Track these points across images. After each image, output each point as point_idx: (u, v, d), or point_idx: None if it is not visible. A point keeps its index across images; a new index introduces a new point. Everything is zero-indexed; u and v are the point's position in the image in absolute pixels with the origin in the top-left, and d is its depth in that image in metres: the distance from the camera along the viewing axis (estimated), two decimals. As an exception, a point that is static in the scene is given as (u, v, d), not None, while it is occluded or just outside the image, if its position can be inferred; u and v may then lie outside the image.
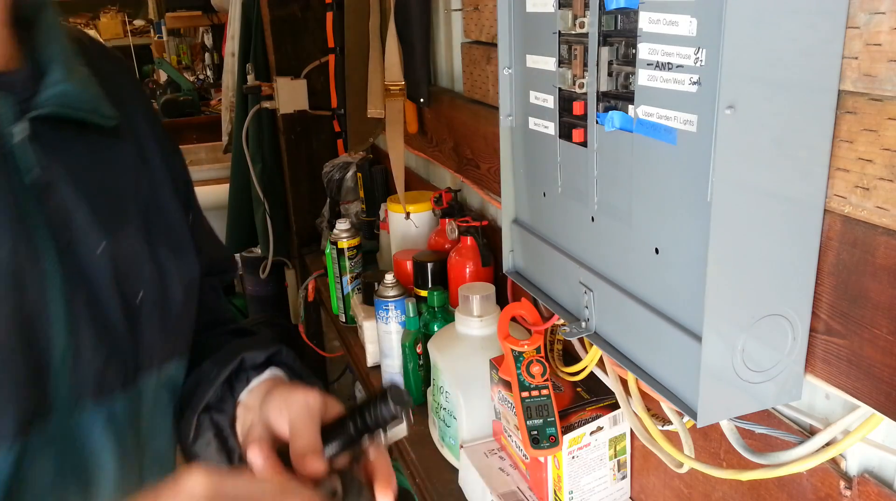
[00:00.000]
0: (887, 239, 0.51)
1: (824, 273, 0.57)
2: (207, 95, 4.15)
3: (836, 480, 0.63)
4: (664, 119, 0.57)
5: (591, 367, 0.87)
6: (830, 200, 0.55)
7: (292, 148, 2.24)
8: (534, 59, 0.75)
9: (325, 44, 1.82)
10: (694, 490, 0.84)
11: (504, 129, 0.83)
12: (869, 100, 0.50)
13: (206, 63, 4.33)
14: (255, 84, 2.21)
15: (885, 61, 0.49)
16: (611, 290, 0.69)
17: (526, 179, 0.83)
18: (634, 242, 0.64)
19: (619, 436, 0.94)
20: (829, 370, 0.58)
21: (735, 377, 0.58)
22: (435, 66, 1.43)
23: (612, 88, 0.64)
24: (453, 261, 1.28)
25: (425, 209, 1.47)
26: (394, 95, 1.38)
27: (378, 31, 1.41)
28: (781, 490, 0.70)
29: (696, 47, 0.52)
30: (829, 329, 0.57)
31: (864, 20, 0.50)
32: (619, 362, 0.69)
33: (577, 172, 0.72)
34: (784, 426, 0.67)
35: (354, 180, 1.93)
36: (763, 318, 0.57)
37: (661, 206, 0.60)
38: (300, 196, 2.28)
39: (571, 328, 0.75)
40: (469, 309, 1.10)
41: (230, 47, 2.48)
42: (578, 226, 0.73)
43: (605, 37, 0.64)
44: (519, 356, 0.91)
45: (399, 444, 1.27)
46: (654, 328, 0.63)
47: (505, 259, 0.90)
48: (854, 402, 0.57)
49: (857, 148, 0.52)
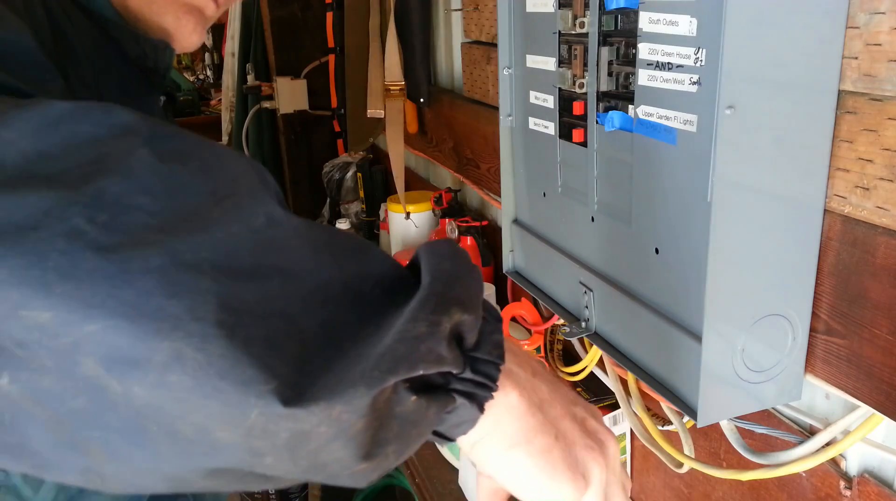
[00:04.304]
0: (887, 239, 0.51)
1: (824, 273, 0.57)
2: (207, 95, 4.14)
3: (836, 480, 0.63)
4: (664, 119, 0.57)
5: (591, 367, 0.87)
6: (830, 200, 0.55)
7: (292, 148, 2.24)
8: (534, 59, 0.75)
9: (325, 44, 1.82)
10: (694, 490, 0.84)
11: (504, 129, 0.83)
12: (869, 100, 0.50)
13: (206, 63, 4.33)
14: (255, 84, 2.21)
15: (885, 61, 0.49)
16: (611, 290, 0.69)
17: (526, 179, 0.83)
18: (634, 242, 0.64)
19: (619, 436, 0.94)
20: (829, 370, 0.58)
21: (735, 377, 0.58)
22: (435, 66, 1.43)
23: (612, 88, 0.64)
24: (453, 261, 1.28)
25: (425, 209, 1.47)
26: (394, 95, 1.38)
27: (378, 31, 1.41)
28: (781, 490, 0.70)
29: (696, 47, 0.52)
30: (829, 329, 0.57)
31: (864, 20, 0.50)
32: (619, 362, 0.68)
33: (577, 172, 0.72)
34: (784, 427, 0.67)
35: (354, 180, 1.93)
36: (763, 318, 0.57)
37: (661, 206, 0.60)
38: (300, 196, 2.29)
39: (571, 328, 0.75)
40: (469, 309, 1.09)
41: (230, 47, 2.48)
42: (578, 226, 0.73)
43: (605, 37, 0.64)
44: (519, 356, 0.91)
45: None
46: (654, 328, 0.63)
47: (505, 259, 0.90)
48: (854, 402, 0.57)
49: (857, 148, 0.52)
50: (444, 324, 0.32)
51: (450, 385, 0.35)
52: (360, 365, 0.30)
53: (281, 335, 0.29)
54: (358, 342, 0.31)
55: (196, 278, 0.28)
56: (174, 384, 0.27)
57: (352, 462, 0.31)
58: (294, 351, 0.29)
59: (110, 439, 0.29)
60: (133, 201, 0.29)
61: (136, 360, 0.27)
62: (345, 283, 0.32)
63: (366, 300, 0.33)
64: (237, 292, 0.29)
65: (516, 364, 0.40)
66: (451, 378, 0.34)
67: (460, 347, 0.34)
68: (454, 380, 0.35)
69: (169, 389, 0.28)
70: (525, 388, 0.39)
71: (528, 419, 0.39)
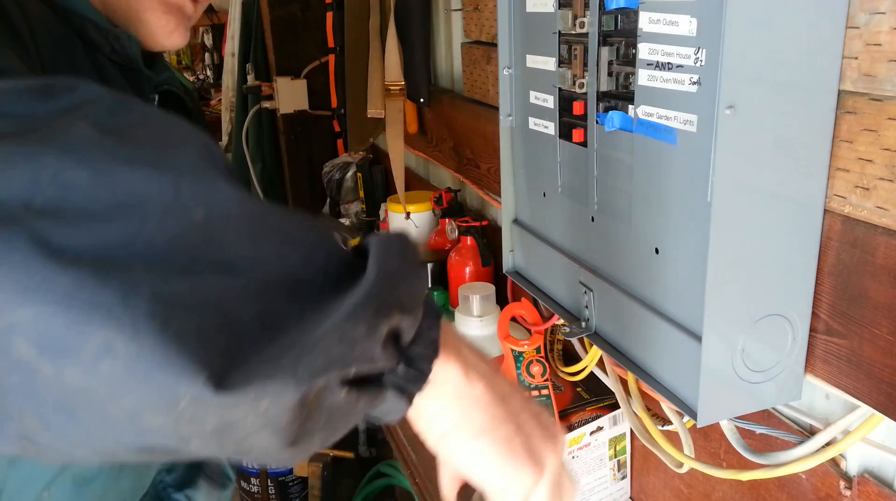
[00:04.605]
0: (887, 239, 0.51)
1: (824, 273, 0.57)
2: (207, 95, 4.14)
3: (836, 480, 0.63)
4: (664, 119, 0.57)
5: (591, 367, 0.87)
6: (830, 200, 0.55)
7: (292, 148, 2.24)
8: (534, 59, 0.75)
9: (325, 44, 1.82)
10: (694, 490, 0.84)
11: (504, 129, 0.83)
12: (869, 100, 0.50)
13: (206, 63, 4.33)
14: (255, 84, 2.21)
15: (885, 61, 0.49)
16: (611, 290, 0.69)
17: (526, 179, 0.83)
18: (634, 242, 0.64)
19: (619, 436, 0.94)
20: (829, 370, 0.58)
21: (735, 377, 0.58)
22: (435, 66, 1.43)
23: (612, 88, 0.64)
24: (453, 261, 1.28)
25: (425, 209, 1.47)
26: (394, 95, 1.38)
27: (378, 31, 1.41)
28: (781, 490, 0.70)
29: (696, 47, 0.52)
30: (829, 329, 0.57)
31: (864, 20, 0.50)
32: (619, 362, 0.68)
33: (577, 172, 0.72)
34: (784, 427, 0.67)
35: (354, 180, 1.93)
36: (763, 318, 0.57)
37: (661, 206, 0.60)
38: (300, 196, 2.29)
39: (571, 328, 0.75)
40: (469, 309, 1.10)
41: (230, 47, 2.48)
42: (578, 226, 0.73)
43: (605, 37, 0.64)
44: (519, 356, 0.91)
45: (399, 444, 1.27)
46: (654, 328, 0.63)
47: (505, 259, 0.90)
48: (854, 402, 0.57)
49: (857, 148, 0.52)
50: (382, 327, 0.33)
51: (382, 379, 0.35)
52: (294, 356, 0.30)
53: (213, 327, 0.29)
54: (297, 329, 0.31)
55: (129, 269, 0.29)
56: (105, 372, 0.28)
57: (276, 449, 0.32)
58: (226, 343, 0.29)
59: (43, 413, 0.29)
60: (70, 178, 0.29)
61: (68, 347, 0.28)
62: (285, 271, 0.33)
63: (307, 288, 0.33)
64: (171, 284, 0.29)
65: (476, 359, 0.42)
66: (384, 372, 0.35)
67: (396, 343, 0.35)
68: (387, 374, 0.35)
69: (100, 376, 0.28)
70: (489, 381, 0.41)
71: (493, 410, 0.41)
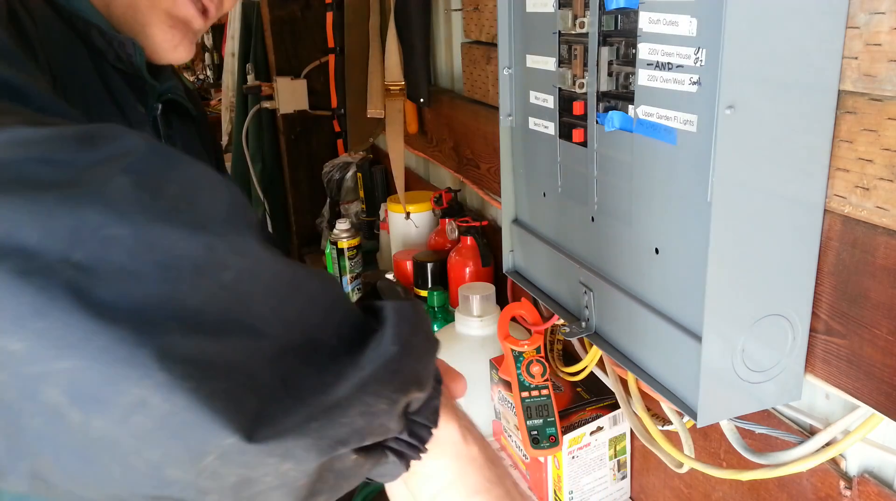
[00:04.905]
0: (887, 239, 0.51)
1: (824, 273, 0.57)
2: (207, 95, 4.14)
3: (836, 480, 0.63)
4: (664, 119, 0.57)
5: (591, 367, 0.87)
6: (830, 200, 0.55)
7: (292, 148, 2.24)
8: (534, 59, 0.75)
9: (325, 44, 1.82)
10: (694, 490, 0.84)
11: (504, 129, 0.83)
12: (869, 100, 0.50)
13: (206, 63, 4.33)
14: (255, 84, 2.21)
15: (885, 61, 0.49)
16: (611, 290, 0.69)
17: (526, 179, 0.83)
18: (634, 242, 0.64)
19: (619, 436, 0.94)
20: (829, 370, 0.58)
21: (735, 377, 0.58)
22: (435, 66, 1.43)
23: (612, 88, 0.64)
24: (453, 261, 1.28)
25: (425, 209, 1.47)
26: (394, 95, 1.38)
27: (378, 31, 1.41)
28: (781, 490, 0.70)
29: (696, 47, 0.52)
30: (829, 329, 0.57)
31: (864, 20, 0.50)
32: (619, 362, 0.68)
33: (577, 172, 0.72)
34: (784, 427, 0.67)
35: (354, 180, 1.93)
36: (763, 318, 0.57)
37: (661, 206, 0.60)
38: (300, 196, 2.28)
39: (571, 328, 0.75)
40: (469, 309, 1.10)
41: (230, 47, 2.48)
42: (578, 226, 0.73)
43: (605, 37, 0.64)
44: (519, 356, 0.91)
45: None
46: (654, 327, 0.63)
47: (505, 259, 0.90)
48: (854, 402, 0.57)
49: (857, 148, 0.52)
50: (402, 403, 0.36)
51: (386, 444, 0.38)
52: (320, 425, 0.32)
53: (242, 389, 0.31)
54: (316, 392, 0.33)
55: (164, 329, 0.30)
56: (135, 425, 0.29)
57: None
58: (254, 405, 0.31)
59: (61, 456, 0.30)
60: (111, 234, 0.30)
61: (101, 398, 0.29)
62: (305, 335, 0.34)
63: (325, 351, 0.35)
64: (203, 346, 0.30)
65: (469, 424, 0.44)
66: (389, 438, 0.37)
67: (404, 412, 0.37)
68: (391, 440, 0.38)
69: (129, 428, 0.29)
70: (483, 444, 0.44)
71: (486, 472, 0.43)
